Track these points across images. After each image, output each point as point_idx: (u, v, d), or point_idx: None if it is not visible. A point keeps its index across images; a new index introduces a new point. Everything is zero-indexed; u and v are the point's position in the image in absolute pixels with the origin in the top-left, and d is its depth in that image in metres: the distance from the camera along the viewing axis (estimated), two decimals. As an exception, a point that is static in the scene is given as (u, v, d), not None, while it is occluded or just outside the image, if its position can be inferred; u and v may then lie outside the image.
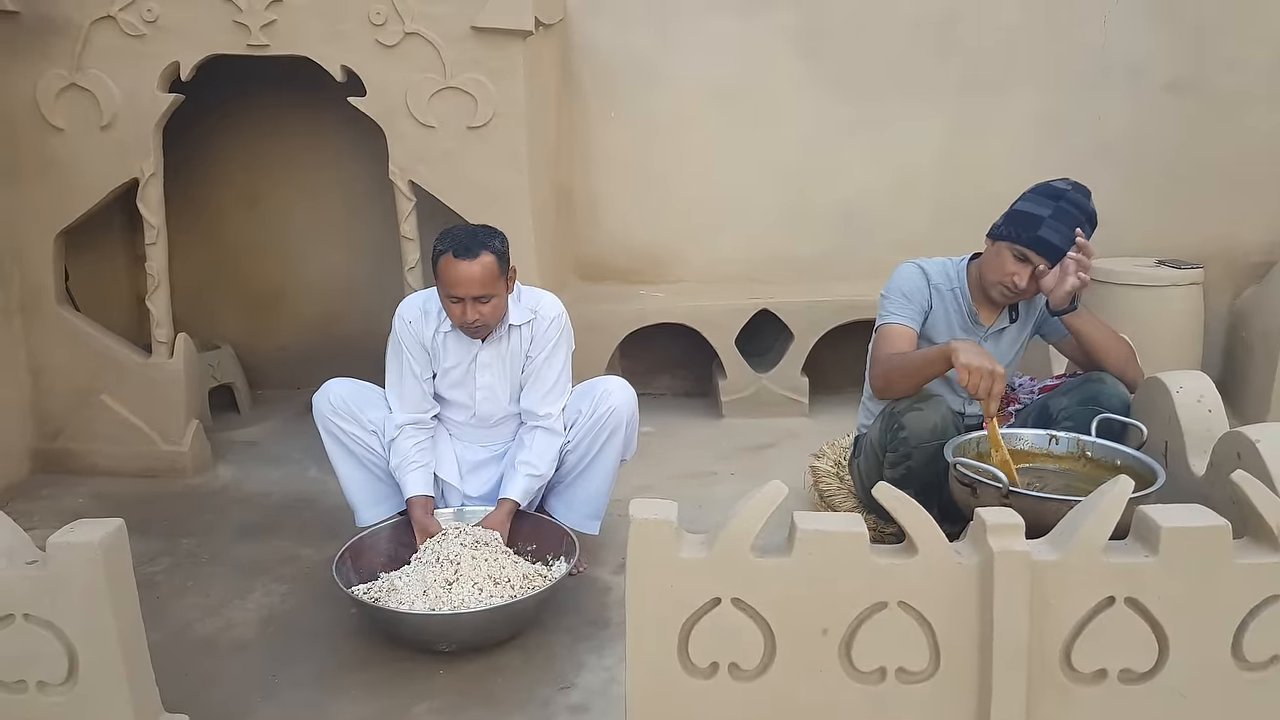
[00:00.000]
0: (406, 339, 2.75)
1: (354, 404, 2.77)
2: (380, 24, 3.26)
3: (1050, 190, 2.61)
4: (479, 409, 2.82)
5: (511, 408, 2.84)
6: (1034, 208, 2.58)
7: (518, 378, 2.80)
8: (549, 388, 2.76)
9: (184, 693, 2.13)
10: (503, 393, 2.81)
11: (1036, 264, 2.57)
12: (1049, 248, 2.54)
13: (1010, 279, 2.59)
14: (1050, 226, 2.54)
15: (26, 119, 3.40)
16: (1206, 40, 4.26)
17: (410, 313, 2.77)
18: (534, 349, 2.76)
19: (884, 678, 1.66)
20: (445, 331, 2.73)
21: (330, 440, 2.78)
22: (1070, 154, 4.31)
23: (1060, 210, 2.55)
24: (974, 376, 2.32)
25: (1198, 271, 4.01)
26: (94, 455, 3.63)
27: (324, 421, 2.77)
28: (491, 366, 2.77)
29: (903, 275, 2.75)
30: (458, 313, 2.61)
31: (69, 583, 1.71)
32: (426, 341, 2.75)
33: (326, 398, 2.77)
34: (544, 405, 2.75)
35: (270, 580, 2.82)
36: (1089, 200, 2.60)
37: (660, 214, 4.48)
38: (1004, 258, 2.61)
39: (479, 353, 2.75)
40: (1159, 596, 1.60)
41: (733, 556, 1.63)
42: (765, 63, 4.34)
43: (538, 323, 2.76)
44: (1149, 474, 2.24)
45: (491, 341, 2.75)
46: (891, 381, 2.61)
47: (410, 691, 2.26)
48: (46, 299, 3.56)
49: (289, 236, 4.48)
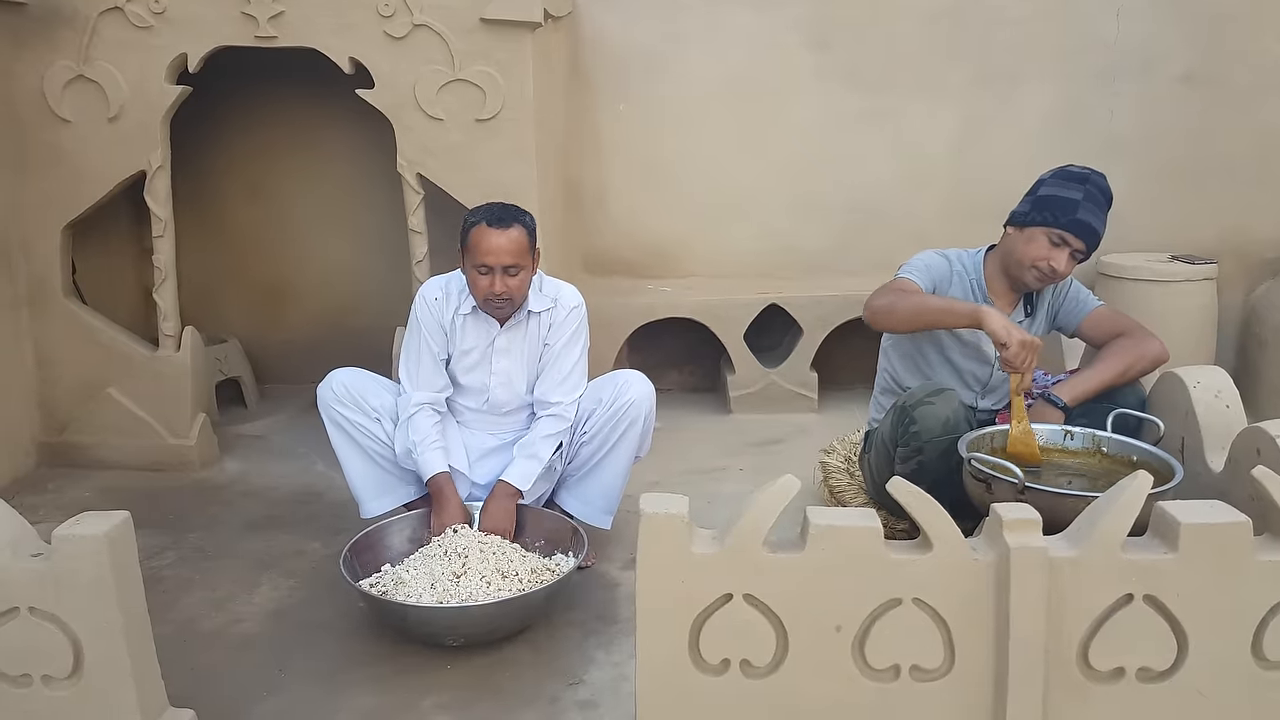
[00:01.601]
0: (426, 318, 2.74)
1: (357, 392, 2.76)
2: (389, 16, 3.25)
3: (1074, 174, 2.59)
4: (493, 395, 2.81)
5: (525, 396, 2.82)
6: (1065, 191, 2.56)
7: (534, 365, 2.79)
8: (563, 376, 2.75)
9: (190, 687, 2.12)
10: (518, 379, 2.79)
11: (1074, 247, 2.54)
12: (1087, 230, 2.52)
13: (1046, 262, 2.56)
14: (1086, 209, 2.52)
15: (34, 111, 3.39)
16: (1220, 32, 4.22)
17: (433, 292, 2.76)
18: (552, 336, 2.76)
19: (898, 675, 1.64)
20: (464, 314, 2.72)
21: (334, 429, 2.77)
22: (1082, 147, 4.26)
23: (1089, 193, 2.54)
24: (1014, 347, 2.30)
25: (1211, 266, 3.98)
26: (100, 448, 3.62)
27: (328, 410, 2.75)
28: (509, 351, 2.76)
29: (924, 255, 2.72)
30: (485, 284, 2.59)
31: (75, 576, 1.70)
32: (445, 323, 2.74)
33: (330, 386, 2.76)
34: (556, 393, 2.74)
35: (277, 574, 2.81)
36: (1106, 182, 2.60)
37: (669, 208, 4.46)
38: (1038, 242, 2.57)
39: (497, 337, 2.74)
40: (1178, 594, 1.58)
41: (745, 551, 1.61)
42: (775, 55, 4.31)
43: (557, 311, 2.76)
44: (1166, 470, 2.21)
45: (510, 326, 2.73)
46: (894, 309, 2.52)
47: (418, 685, 2.25)
48: (53, 291, 3.55)
49: (296, 230, 4.46)
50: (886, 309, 2.55)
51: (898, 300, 2.54)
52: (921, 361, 2.78)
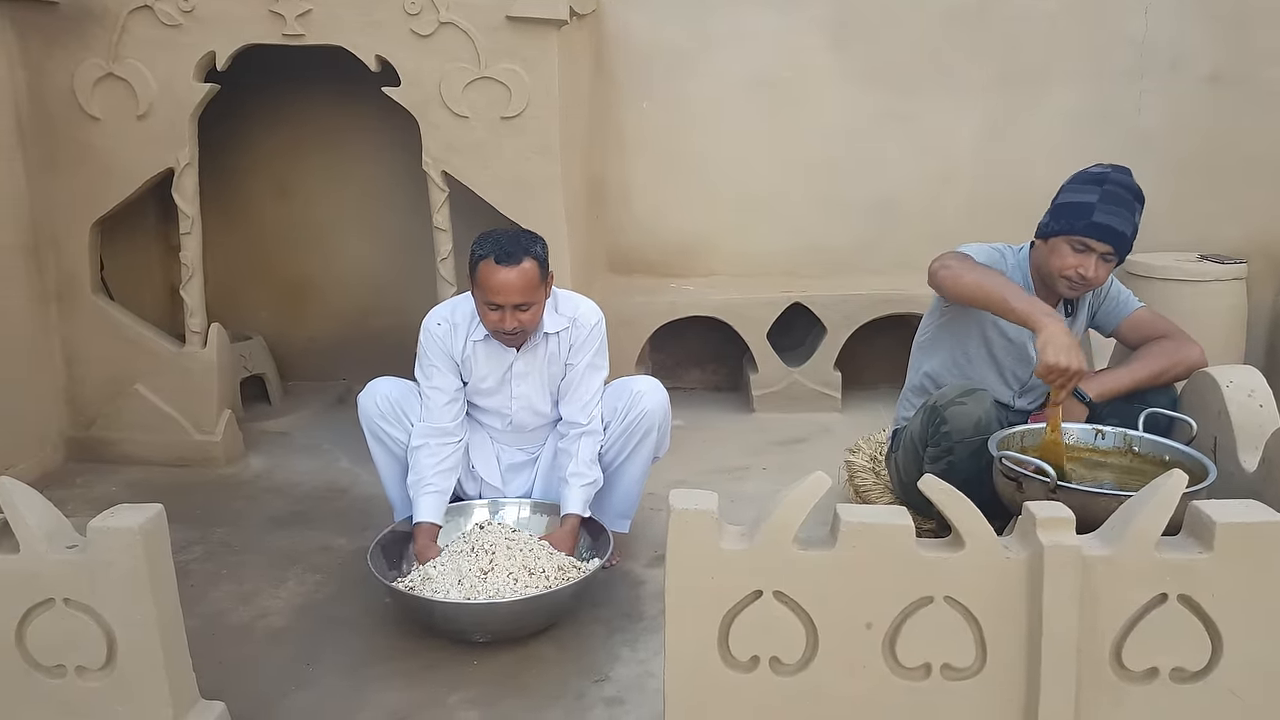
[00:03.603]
0: (432, 350, 2.68)
1: (399, 405, 2.71)
2: (415, 14, 3.26)
3: (1090, 176, 2.56)
4: (515, 418, 2.77)
5: (550, 414, 2.79)
6: (1080, 196, 2.53)
7: (554, 384, 2.74)
8: (590, 396, 2.71)
9: (219, 680, 2.13)
10: (539, 401, 2.75)
11: (1100, 251, 2.51)
12: (1108, 232, 2.49)
13: (1074, 270, 2.53)
14: (1102, 210, 2.48)
15: (64, 108, 3.42)
16: (1249, 31, 4.18)
17: (436, 321, 2.69)
18: (574, 356, 2.70)
19: (928, 674, 1.63)
20: (476, 340, 2.66)
21: (374, 442, 2.74)
22: (1109, 147, 4.23)
23: (1107, 193, 2.50)
24: (1053, 374, 2.26)
25: (1241, 266, 3.94)
26: (127, 444, 3.65)
27: (369, 424, 2.72)
28: (527, 376, 2.72)
29: (980, 247, 2.68)
30: (495, 319, 2.54)
31: (109, 568, 1.71)
32: (456, 353, 2.68)
33: (374, 400, 2.71)
34: (584, 414, 2.70)
35: (303, 569, 2.82)
36: (1131, 177, 2.55)
37: (692, 206, 4.46)
38: (1062, 252, 2.54)
39: (514, 363, 2.69)
40: (1213, 594, 1.57)
41: (775, 548, 1.60)
42: (800, 54, 4.31)
43: (576, 330, 2.69)
44: (1199, 469, 2.19)
45: (526, 350, 2.68)
46: (962, 275, 2.47)
47: (445, 681, 2.25)
48: (82, 288, 3.58)
49: (321, 227, 4.48)
50: (955, 271, 2.49)
51: (968, 267, 2.49)
52: (962, 358, 2.75)
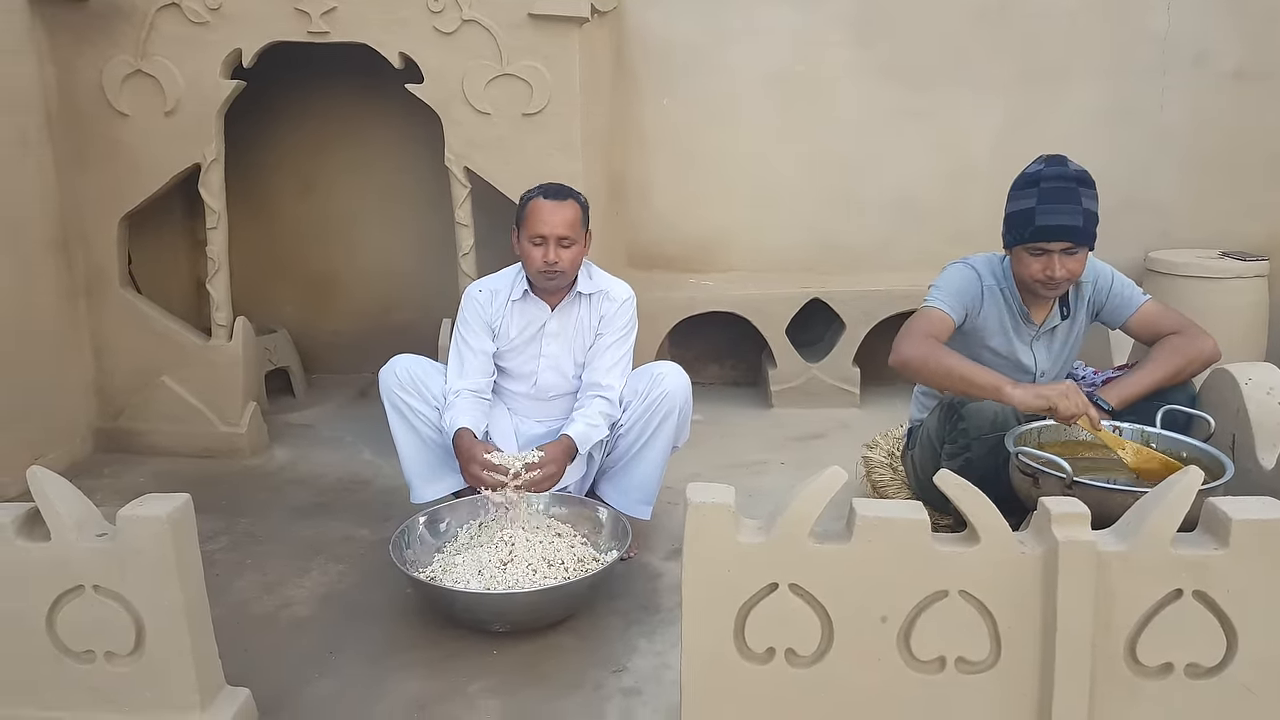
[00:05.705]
0: (471, 313, 2.85)
1: (419, 378, 2.82)
2: (438, 11, 3.29)
3: (1026, 179, 2.58)
4: (541, 378, 2.88)
5: (572, 382, 2.90)
6: (1020, 204, 2.56)
7: (582, 351, 2.87)
8: (614, 362, 2.83)
9: (244, 667, 2.17)
10: (566, 363, 2.87)
11: (1057, 249, 2.52)
12: (1055, 231, 2.49)
13: (1041, 274, 2.55)
14: (1043, 212, 2.49)
15: (93, 104, 3.47)
16: (1274, 27, 4.15)
17: (478, 290, 2.88)
18: (604, 328, 2.84)
19: (943, 667, 1.64)
20: (514, 300, 2.83)
21: (393, 413, 2.83)
22: (1131, 143, 4.23)
23: (1044, 192, 2.50)
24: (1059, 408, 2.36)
25: (1263, 264, 3.92)
26: (154, 435, 3.70)
27: (389, 394, 2.82)
28: (559, 336, 2.85)
29: (954, 273, 2.71)
30: (539, 255, 2.70)
31: (138, 556, 1.75)
32: (491, 317, 2.84)
33: (394, 371, 2.83)
34: (607, 377, 2.80)
35: (327, 559, 2.86)
36: (1068, 165, 2.54)
37: (712, 202, 4.47)
38: (1024, 260, 2.57)
39: (548, 321, 2.84)
40: (1228, 590, 1.57)
41: (791, 541, 1.62)
42: (819, 50, 4.31)
43: (608, 302, 2.84)
44: (1216, 466, 2.19)
45: (560, 309, 2.83)
46: (927, 365, 2.53)
47: (465, 670, 2.28)
48: (110, 282, 3.64)
49: (345, 222, 4.53)
50: (918, 364, 2.55)
51: (928, 359, 2.53)
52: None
